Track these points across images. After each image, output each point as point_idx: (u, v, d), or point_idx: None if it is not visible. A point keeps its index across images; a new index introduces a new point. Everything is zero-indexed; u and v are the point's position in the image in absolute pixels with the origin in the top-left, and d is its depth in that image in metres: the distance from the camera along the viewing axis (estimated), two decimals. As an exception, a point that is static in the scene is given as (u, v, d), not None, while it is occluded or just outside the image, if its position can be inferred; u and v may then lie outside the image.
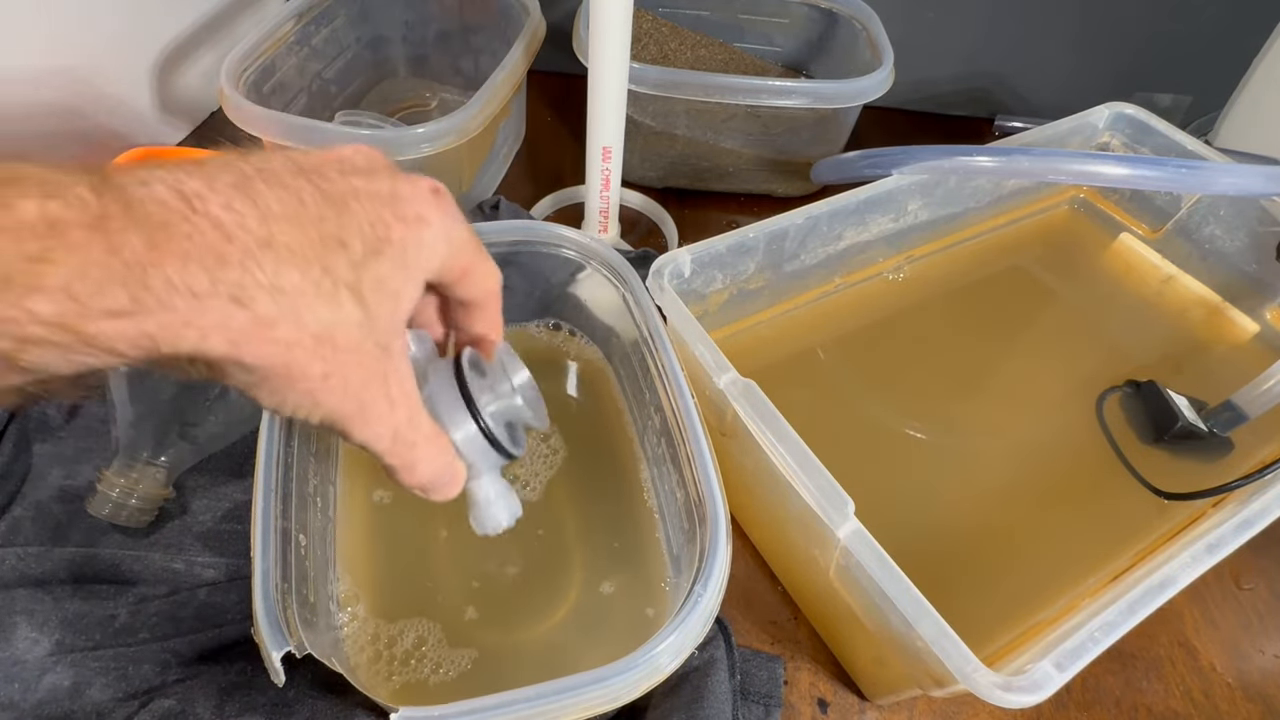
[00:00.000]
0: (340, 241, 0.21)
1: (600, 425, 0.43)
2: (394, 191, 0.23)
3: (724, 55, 0.69)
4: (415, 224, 0.23)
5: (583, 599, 0.36)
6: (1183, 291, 0.55)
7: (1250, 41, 0.57)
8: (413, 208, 0.23)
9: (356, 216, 0.22)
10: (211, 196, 0.19)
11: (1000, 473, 0.45)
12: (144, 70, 0.60)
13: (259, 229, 0.20)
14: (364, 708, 0.32)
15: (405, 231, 0.23)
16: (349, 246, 0.21)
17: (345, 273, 0.21)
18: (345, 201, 0.22)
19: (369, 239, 0.22)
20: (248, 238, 0.19)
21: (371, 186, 0.23)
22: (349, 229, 0.21)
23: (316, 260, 0.20)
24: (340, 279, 0.21)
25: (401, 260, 0.23)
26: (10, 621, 0.35)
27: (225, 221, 0.19)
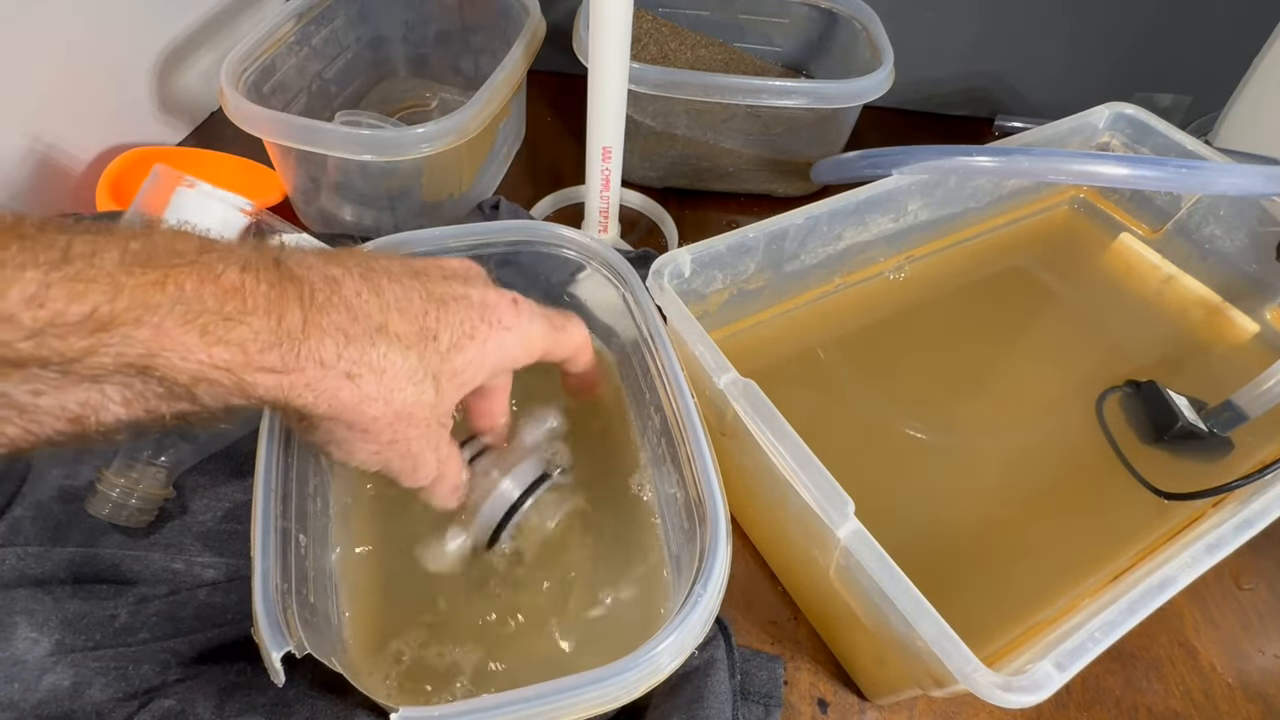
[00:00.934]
0: (434, 335, 0.26)
1: (600, 425, 0.43)
2: (484, 299, 0.28)
3: (724, 55, 0.69)
4: (497, 328, 0.28)
5: (582, 599, 0.36)
6: (1183, 291, 0.55)
7: (1250, 41, 0.57)
8: (497, 314, 0.28)
9: (452, 316, 0.26)
10: (347, 282, 0.24)
11: (1000, 472, 0.45)
12: (144, 70, 0.60)
13: (378, 315, 0.24)
14: (364, 708, 0.32)
15: (488, 333, 0.27)
16: (439, 340, 0.26)
17: (433, 362, 0.26)
18: (445, 302, 0.26)
19: (456, 335, 0.26)
20: (368, 322, 0.24)
21: (467, 292, 0.27)
22: (444, 326, 0.26)
23: (415, 349, 0.25)
24: (429, 367, 0.25)
25: (479, 355, 0.27)
26: (10, 621, 0.35)
27: (354, 305, 0.24)
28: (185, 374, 0.21)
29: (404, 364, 0.25)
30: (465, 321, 0.27)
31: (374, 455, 0.26)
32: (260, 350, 0.21)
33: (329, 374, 0.23)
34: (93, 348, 0.19)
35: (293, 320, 0.22)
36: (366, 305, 0.24)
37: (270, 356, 0.22)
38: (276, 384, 0.22)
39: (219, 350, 0.21)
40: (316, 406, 0.23)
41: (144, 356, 0.20)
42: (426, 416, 0.26)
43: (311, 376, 0.22)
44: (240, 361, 0.21)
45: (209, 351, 0.21)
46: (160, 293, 0.20)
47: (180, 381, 0.21)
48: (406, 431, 0.26)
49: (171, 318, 0.20)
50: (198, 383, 0.21)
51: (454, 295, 0.27)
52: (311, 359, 0.22)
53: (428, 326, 0.25)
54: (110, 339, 0.19)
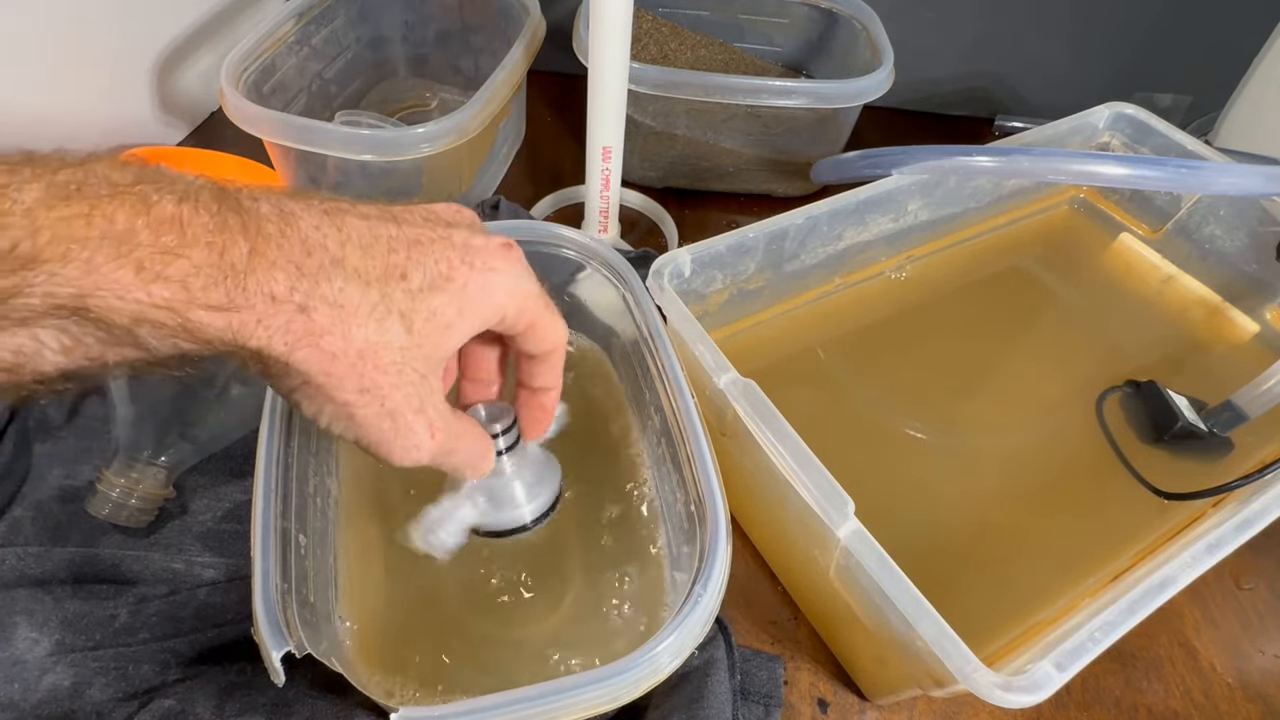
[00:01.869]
0: (403, 273, 0.23)
1: (600, 425, 0.43)
2: (467, 242, 0.25)
3: (724, 55, 0.69)
4: (481, 270, 0.25)
5: (583, 599, 0.36)
6: (1183, 291, 0.55)
7: (1250, 41, 0.57)
8: (481, 257, 0.25)
9: (426, 255, 0.24)
10: (305, 216, 0.22)
11: (1000, 472, 0.45)
12: (144, 70, 0.60)
13: (335, 249, 0.22)
14: (364, 708, 0.32)
15: (470, 275, 0.25)
16: (409, 278, 0.24)
17: (400, 300, 0.23)
18: (419, 242, 0.24)
19: (431, 275, 0.24)
20: (324, 255, 0.22)
21: (447, 234, 0.25)
22: (415, 264, 0.24)
23: (377, 284, 0.23)
24: (394, 305, 0.23)
25: (459, 298, 0.25)
26: (10, 621, 0.35)
27: (310, 238, 0.22)
28: (123, 314, 0.19)
29: (363, 299, 0.23)
30: (442, 261, 0.24)
31: (343, 411, 0.24)
32: (203, 286, 0.20)
33: (281, 309, 0.21)
34: (17, 287, 0.18)
35: (237, 252, 0.20)
36: (325, 239, 0.22)
37: (215, 293, 0.20)
38: (225, 323, 0.20)
39: (157, 287, 0.19)
40: (272, 346, 0.21)
41: (76, 296, 0.19)
42: (397, 360, 0.23)
43: (262, 312, 0.21)
44: (182, 299, 0.20)
45: (147, 289, 0.19)
46: (87, 226, 0.18)
47: (119, 323, 0.19)
48: (375, 378, 0.23)
49: (101, 253, 0.19)
50: (139, 324, 0.20)
51: (430, 236, 0.25)
52: (260, 293, 0.21)
53: (394, 263, 0.23)
54: (35, 277, 0.18)
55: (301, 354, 0.22)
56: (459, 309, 0.25)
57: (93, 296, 0.19)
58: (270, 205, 0.22)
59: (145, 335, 0.20)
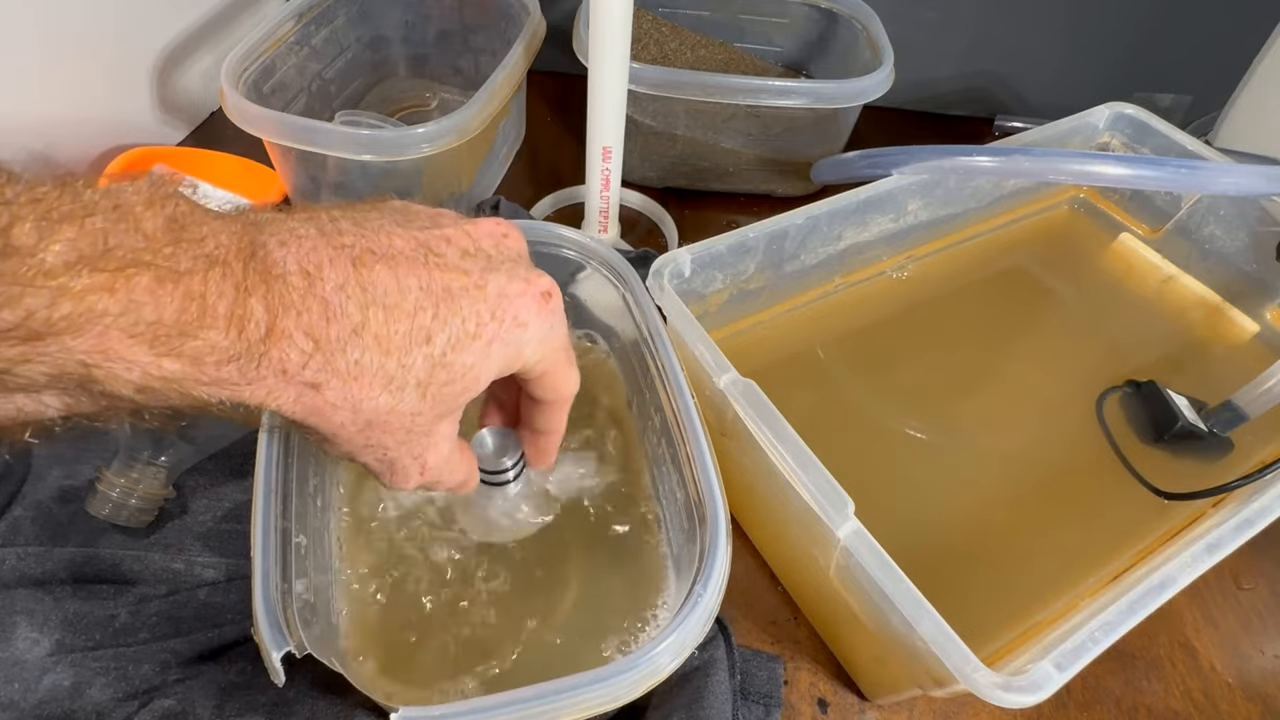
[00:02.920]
0: (427, 337, 0.22)
1: (600, 425, 0.43)
2: (503, 291, 0.24)
3: (724, 55, 0.69)
4: (511, 325, 0.24)
5: (583, 599, 0.36)
6: (1183, 291, 0.55)
7: (1250, 41, 0.57)
8: (512, 310, 0.24)
9: (454, 313, 0.23)
10: (330, 275, 0.21)
11: (1000, 472, 0.45)
12: (144, 70, 0.60)
13: (356, 315, 0.21)
14: (364, 708, 0.32)
15: (497, 330, 0.23)
16: (433, 342, 0.22)
17: (420, 368, 0.22)
18: (449, 295, 0.23)
19: (457, 335, 0.23)
20: (344, 324, 0.21)
21: (482, 281, 0.23)
22: (441, 324, 0.22)
23: (396, 353, 0.22)
24: (412, 374, 0.22)
25: (483, 354, 0.23)
26: (10, 621, 0.35)
27: (331, 304, 0.21)
28: (128, 385, 0.18)
29: (380, 370, 0.21)
30: (471, 318, 0.23)
31: (345, 455, 0.24)
32: (216, 364, 0.19)
33: (290, 384, 0.20)
34: (25, 355, 0.17)
35: (255, 330, 0.19)
36: (347, 303, 0.21)
37: (226, 370, 0.19)
38: (232, 394, 0.20)
39: (168, 362, 0.18)
40: (280, 410, 0.21)
41: (82, 365, 0.18)
42: (405, 424, 0.23)
43: (272, 386, 0.20)
44: (191, 374, 0.19)
45: (157, 364, 0.18)
46: (109, 298, 0.17)
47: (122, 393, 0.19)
48: (380, 439, 0.23)
49: (117, 327, 0.17)
50: (141, 392, 0.19)
51: (464, 286, 0.23)
52: (272, 369, 0.20)
53: (419, 326, 0.22)
54: (46, 348, 0.17)
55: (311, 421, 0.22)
56: (481, 367, 0.23)
57: (100, 368, 0.18)
58: (296, 263, 0.20)
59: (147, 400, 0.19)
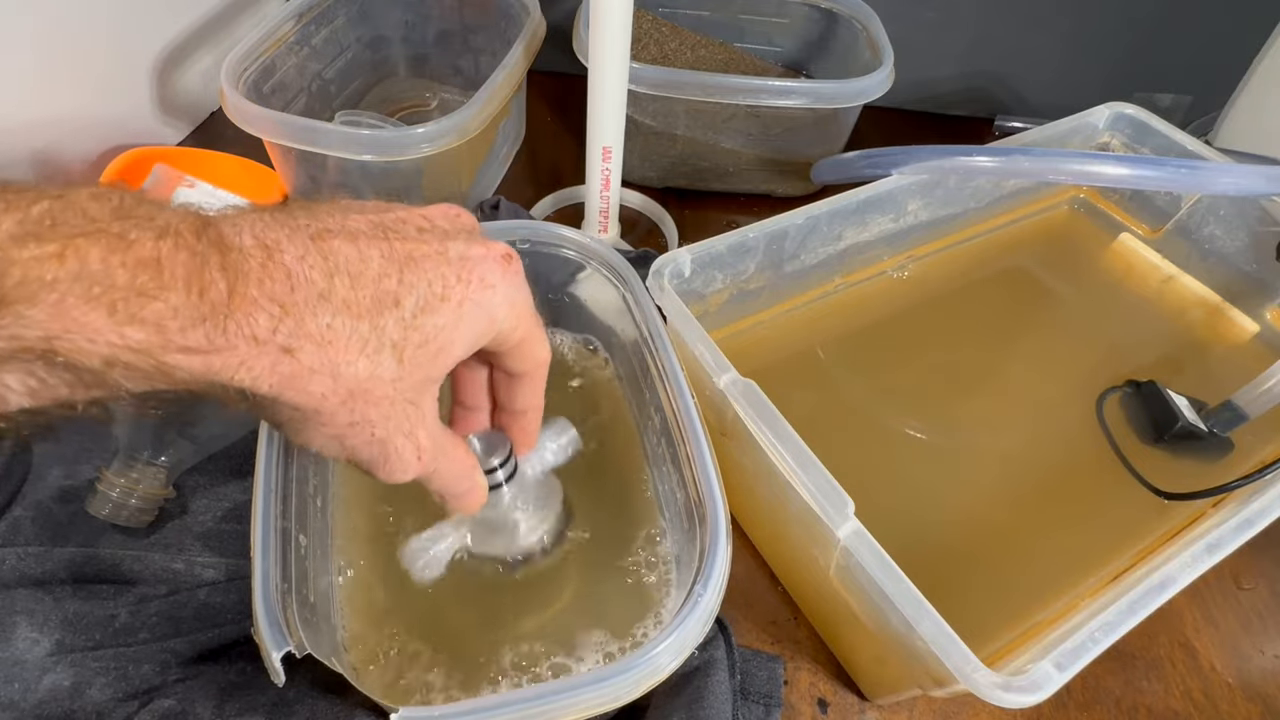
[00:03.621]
0: (395, 300, 0.22)
1: (600, 425, 0.43)
2: (464, 254, 0.24)
3: (724, 55, 0.69)
4: (478, 286, 0.24)
5: (583, 599, 0.36)
6: (1183, 291, 0.55)
7: (1250, 41, 0.57)
8: (478, 271, 0.24)
9: (419, 276, 0.23)
10: (289, 248, 0.21)
11: (1000, 472, 0.45)
12: (144, 70, 0.60)
13: (321, 281, 0.21)
14: (364, 708, 0.32)
15: (465, 292, 0.24)
16: (402, 305, 0.22)
17: (393, 330, 0.22)
18: (412, 260, 0.23)
19: (425, 297, 0.23)
20: (309, 290, 0.21)
21: (443, 248, 0.24)
22: (408, 288, 0.23)
23: (367, 316, 0.22)
24: (386, 336, 0.22)
25: (454, 317, 0.23)
26: (10, 621, 0.35)
27: (294, 272, 0.21)
28: (94, 357, 0.18)
29: (352, 333, 0.21)
30: (436, 281, 0.23)
31: (334, 440, 0.23)
32: (181, 329, 0.19)
33: (264, 350, 0.20)
34: None
35: (216, 292, 0.19)
36: (310, 271, 0.21)
37: (193, 335, 0.19)
38: (204, 366, 0.19)
39: (131, 330, 0.18)
40: (256, 387, 0.21)
41: (43, 339, 0.18)
42: (388, 394, 0.23)
43: (245, 354, 0.20)
44: (157, 342, 0.19)
45: (119, 332, 0.18)
46: (59, 266, 0.17)
47: (89, 366, 0.18)
48: (365, 412, 0.23)
49: (72, 294, 0.17)
50: (110, 366, 0.19)
51: (425, 252, 0.23)
52: (242, 335, 0.20)
53: (385, 290, 0.22)
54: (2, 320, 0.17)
55: (290, 395, 0.21)
56: (454, 330, 0.24)
57: (61, 339, 0.18)
58: (253, 238, 0.20)
59: (117, 377, 0.19)
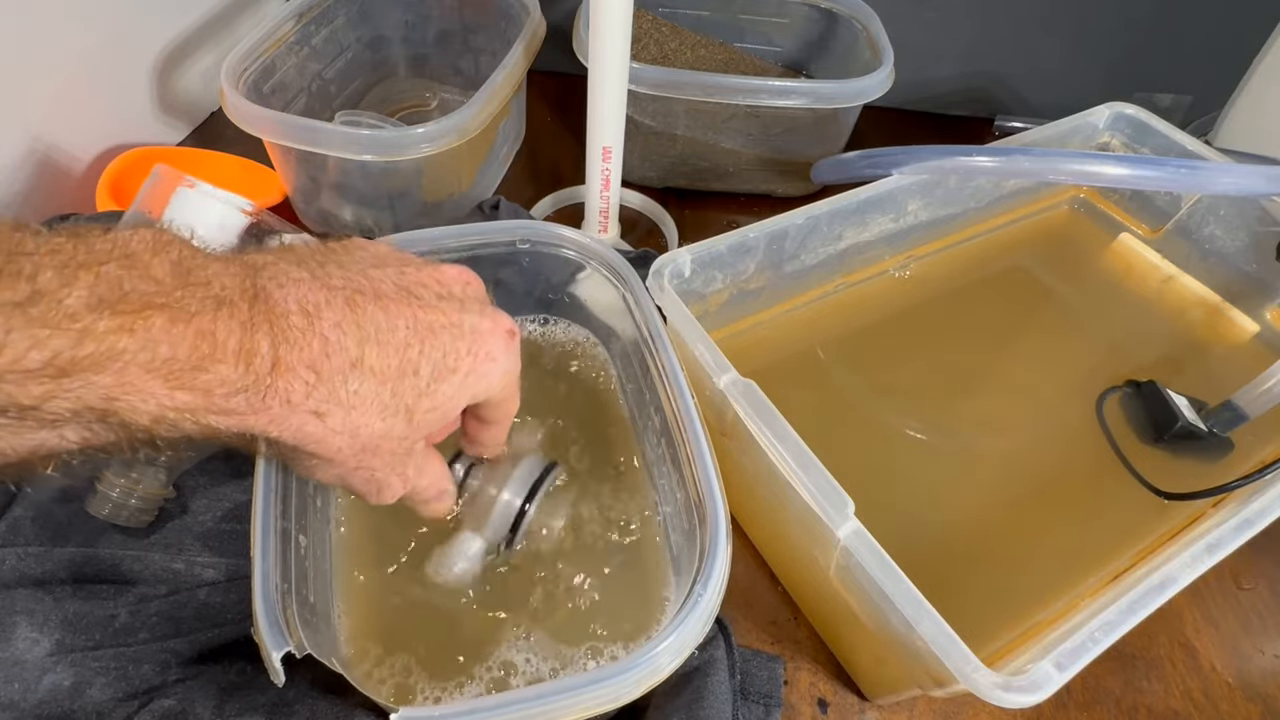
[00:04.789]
0: (415, 369, 0.24)
1: (600, 425, 0.43)
2: (476, 328, 0.26)
3: (724, 55, 0.69)
4: (484, 359, 0.26)
5: (583, 599, 0.36)
6: (1183, 291, 0.55)
7: (1250, 41, 0.57)
8: (485, 346, 0.26)
9: (436, 348, 0.25)
10: (327, 314, 0.23)
11: (1000, 472, 0.45)
12: (144, 70, 0.60)
13: (354, 349, 0.23)
14: (364, 708, 0.32)
15: (473, 364, 0.26)
16: (420, 373, 0.25)
17: (409, 396, 0.25)
18: (433, 331, 0.25)
19: (438, 367, 0.25)
20: (343, 358, 0.23)
21: (459, 320, 0.26)
22: (426, 358, 0.25)
23: (390, 383, 0.24)
24: (403, 401, 0.24)
25: (460, 386, 0.26)
26: (10, 621, 0.35)
27: (330, 340, 0.23)
28: (144, 416, 0.20)
29: (376, 399, 0.24)
30: (451, 353, 0.26)
31: (336, 477, 0.26)
32: (225, 395, 0.21)
33: (295, 412, 0.22)
34: (52, 393, 0.19)
35: (262, 364, 0.21)
36: (344, 339, 0.23)
37: (235, 401, 0.21)
38: (240, 424, 0.21)
39: (182, 395, 0.20)
40: (281, 438, 0.23)
41: (104, 400, 0.19)
42: (393, 449, 0.25)
43: (277, 414, 0.22)
44: (203, 405, 0.20)
45: (171, 396, 0.20)
46: (129, 338, 0.19)
47: (138, 423, 0.20)
48: (371, 461, 0.25)
49: (137, 363, 0.19)
50: (157, 424, 0.20)
51: (444, 324, 0.26)
52: (278, 399, 0.22)
53: (409, 360, 0.24)
54: (71, 384, 0.19)
55: (310, 447, 0.23)
56: (458, 397, 0.26)
57: (119, 401, 0.19)
58: (297, 303, 0.22)
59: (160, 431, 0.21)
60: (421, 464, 0.29)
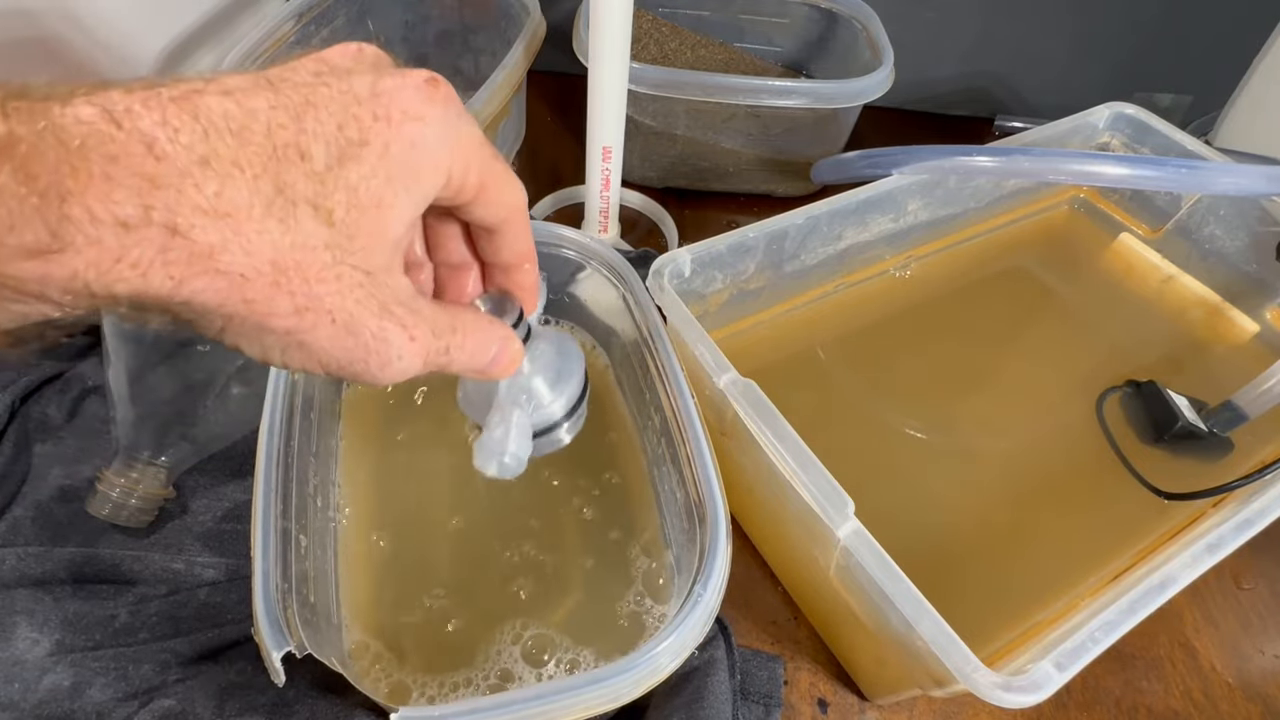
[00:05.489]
0: (299, 152, 0.18)
1: (600, 425, 0.43)
2: (375, 88, 0.20)
3: (724, 55, 0.69)
4: (402, 121, 0.20)
5: (582, 600, 0.36)
6: (1183, 291, 0.55)
7: (1250, 41, 0.57)
8: (398, 103, 0.20)
9: (323, 121, 0.19)
10: (144, 113, 0.16)
11: (1000, 472, 0.45)
12: (144, 70, 0.60)
13: (199, 145, 0.17)
14: (364, 708, 0.32)
15: (389, 131, 0.19)
16: (309, 156, 0.18)
17: (304, 186, 0.18)
18: (310, 105, 0.18)
19: (338, 144, 0.19)
20: (184, 155, 0.17)
21: (346, 84, 0.19)
22: (310, 136, 0.18)
23: (267, 175, 0.18)
24: (299, 194, 0.18)
25: (383, 164, 0.19)
26: (10, 621, 0.35)
27: (158, 138, 0.16)
28: None
29: (253, 196, 0.17)
30: (348, 123, 0.19)
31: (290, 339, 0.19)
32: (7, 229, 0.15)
33: (141, 235, 0.16)
34: None
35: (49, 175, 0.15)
36: (178, 133, 0.17)
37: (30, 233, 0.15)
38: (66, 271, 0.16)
39: None
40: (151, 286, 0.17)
41: None
42: (326, 262, 0.19)
43: (117, 246, 0.16)
44: None
45: None
46: None
47: None
48: (310, 289, 0.18)
49: None
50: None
51: (326, 95, 0.19)
52: (102, 222, 0.16)
53: (283, 143, 0.18)
54: None
55: (198, 284, 0.17)
56: (387, 179, 0.19)
57: None
58: (91, 105, 0.16)
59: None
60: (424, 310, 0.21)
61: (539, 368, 0.27)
